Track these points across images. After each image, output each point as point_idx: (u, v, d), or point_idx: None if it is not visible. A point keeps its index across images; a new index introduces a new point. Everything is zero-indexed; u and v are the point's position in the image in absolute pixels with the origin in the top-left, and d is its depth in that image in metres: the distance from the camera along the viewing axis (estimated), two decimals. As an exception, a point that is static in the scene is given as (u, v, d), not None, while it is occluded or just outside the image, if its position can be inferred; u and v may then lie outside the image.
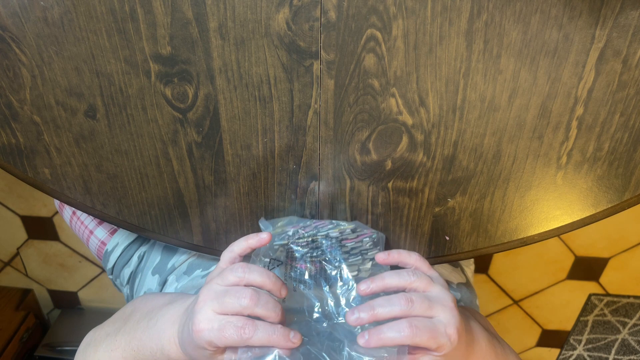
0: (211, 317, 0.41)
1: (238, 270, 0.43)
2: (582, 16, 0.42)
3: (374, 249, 0.53)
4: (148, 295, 0.59)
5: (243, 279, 0.43)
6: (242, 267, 0.43)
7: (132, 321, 0.53)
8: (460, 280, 0.71)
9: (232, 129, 0.51)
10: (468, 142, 0.50)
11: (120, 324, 0.54)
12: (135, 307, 0.56)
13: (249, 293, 0.41)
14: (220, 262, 0.48)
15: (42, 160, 0.56)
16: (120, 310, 0.59)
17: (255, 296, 0.41)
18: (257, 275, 0.43)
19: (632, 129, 0.47)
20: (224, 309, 0.41)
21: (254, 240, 0.48)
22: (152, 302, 0.55)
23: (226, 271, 0.44)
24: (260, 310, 0.41)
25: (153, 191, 0.57)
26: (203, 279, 0.65)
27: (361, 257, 0.51)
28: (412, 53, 0.45)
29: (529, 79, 0.45)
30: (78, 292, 1.58)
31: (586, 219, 0.53)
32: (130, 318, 0.54)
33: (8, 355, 1.38)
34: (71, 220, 0.84)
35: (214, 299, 0.42)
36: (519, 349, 1.58)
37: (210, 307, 0.41)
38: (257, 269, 0.43)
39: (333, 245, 0.52)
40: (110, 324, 0.56)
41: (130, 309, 0.56)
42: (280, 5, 0.44)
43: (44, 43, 0.48)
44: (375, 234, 0.54)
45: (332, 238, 0.53)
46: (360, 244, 0.53)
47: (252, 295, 0.41)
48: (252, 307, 0.41)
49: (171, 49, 0.47)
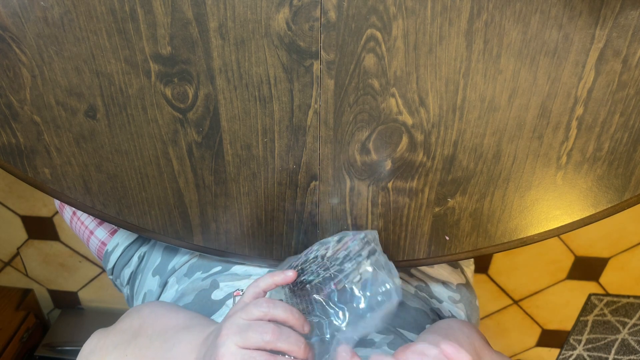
0: (234, 351, 0.41)
1: (263, 305, 0.44)
2: (582, 16, 0.42)
3: (366, 247, 0.52)
4: (156, 308, 0.57)
5: (267, 314, 0.43)
6: (267, 302, 0.44)
7: (143, 337, 0.52)
8: (460, 281, 0.71)
9: (232, 129, 0.51)
10: (468, 142, 0.50)
11: (128, 337, 0.53)
12: (143, 321, 0.55)
13: (272, 328, 0.42)
14: (245, 297, 0.48)
15: (42, 160, 0.56)
16: (126, 319, 0.57)
17: (277, 331, 0.42)
18: (281, 311, 0.43)
19: (631, 129, 0.47)
20: (247, 343, 0.41)
21: (280, 278, 0.48)
22: (164, 320, 0.54)
23: (250, 306, 0.44)
24: (283, 345, 0.41)
25: (153, 191, 0.57)
26: (203, 281, 0.65)
27: (355, 262, 0.51)
28: (412, 53, 0.45)
29: (528, 79, 0.45)
30: (78, 292, 1.58)
31: (586, 219, 0.53)
32: (140, 333, 0.53)
33: (8, 355, 1.38)
34: (71, 221, 0.84)
35: (237, 333, 0.42)
36: (519, 349, 1.58)
37: (233, 341, 0.42)
38: (281, 305, 0.44)
39: (323, 264, 0.52)
40: (117, 334, 0.54)
41: (138, 321, 0.55)
42: (280, 5, 0.44)
43: (44, 43, 0.48)
44: (362, 234, 0.54)
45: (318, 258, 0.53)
46: (349, 250, 0.52)
47: (275, 330, 0.42)
48: (275, 341, 0.41)
49: (171, 49, 0.47)
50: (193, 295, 0.63)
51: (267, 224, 0.59)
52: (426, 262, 0.59)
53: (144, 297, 0.72)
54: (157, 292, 0.70)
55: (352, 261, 0.51)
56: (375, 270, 0.49)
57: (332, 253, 0.52)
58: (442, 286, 0.69)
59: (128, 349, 0.51)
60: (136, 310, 0.58)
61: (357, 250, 0.51)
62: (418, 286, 0.67)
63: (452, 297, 0.68)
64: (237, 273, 0.64)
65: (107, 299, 1.58)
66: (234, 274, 0.64)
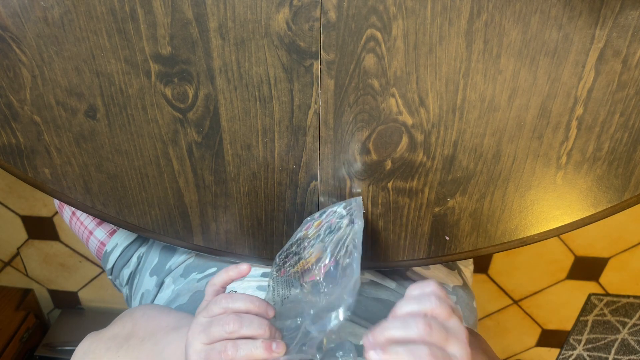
0: (199, 349, 0.43)
1: (221, 301, 0.44)
2: (581, 16, 0.42)
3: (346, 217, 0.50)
4: (148, 309, 0.58)
5: (227, 308, 0.44)
6: (225, 298, 0.45)
7: (134, 339, 0.52)
8: (457, 282, 0.71)
9: (232, 129, 0.51)
10: (468, 142, 0.50)
11: (121, 340, 0.53)
12: (135, 322, 0.55)
13: (232, 318, 0.42)
14: (206, 296, 0.50)
15: (43, 160, 0.56)
16: (119, 322, 0.57)
17: (238, 320, 0.42)
18: (240, 303, 0.44)
19: (631, 129, 0.47)
20: (212, 338, 0.42)
21: (234, 272, 0.49)
22: (155, 321, 0.55)
23: (210, 304, 0.45)
24: (246, 330, 0.42)
25: (153, 191, 0.57)
26: (199, 282, 0.65)
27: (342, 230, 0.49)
28: (412, 53, 0.45)
29: (528, 79, 0.45)
30: (78, 292, 1.58)
31: (586, 219, 0.53)
32: (132, 335, 0.53)
33: (8, 355, 1.38)
34: (71, 221, 0.84)
35: (201, 331, 0.43)
36: (519, 349, 1.58)
37: (198, 340, 0.43)
38: (240, 297, 0.44)
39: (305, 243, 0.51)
40: (110, 338, 0.55)
41: (130, 324, 0.56)
42: (280, 6, 0.44)
43: (44, 43, 0.48)
44: (343, 202, 0.53)
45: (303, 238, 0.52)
46: (330, 220, 0.52)
47: (235, 320, 0.42)
48: (238, 329, 0.42)
49: (171, 49, 0.47)
50: (188, 295, 0.63)
51: (267, 224, 0.59)
52: (426, 262, 0.59)
53: (141, 296, 0.72)
54: (154, 292, 0.70)
55: (331, 234, 0.50)
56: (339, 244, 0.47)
57: (314, 231, 0.52)
58: None
59: (120, 351, 0.52)
60: (129, 313, 0.58)
61: (337, 222, 0.51)
62: None
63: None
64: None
65: (107, 299, 1.58)
66: None
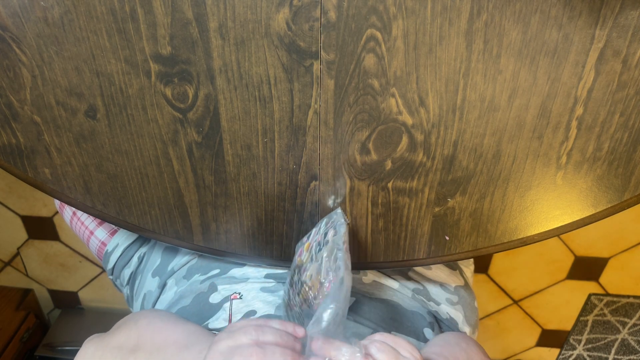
0: None
1: (251, 331, 0.42)
2: (581, 16, 0.42)
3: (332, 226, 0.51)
4: (153, 318, 0.56)
5: (257, 341, 0.42)
6: (255, 329, 0.42)
7: (142, 353, 0.50)
8: (458, 282, 0.71)
9: (232, 129, 0.51)
10: (468, 142, 0.50)
11: (126, 353, 0.51)
12: (141, 333, 0.53)
13: (255, 351, 0.40)
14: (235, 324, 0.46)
15: (43, 160, 0.56)
16: (124, 330, 0.55)
17: (261, 353, 0.40)
18: (270, 336, 0.42)
19: (631, 129, 0.47)
20: None
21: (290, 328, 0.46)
22: (163, 335, 0.52)
23: (239, 331, 0.42)
24: None
25: (153, 191, 0.57)
26: (202, 284, 0.65)
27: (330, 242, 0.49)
28: (412, 53, 0.45)
29: (528, 79, 0.45)
30: (78, 292, 1.58)
31: (586, 218, 0.53)
32: (138, 348, 0.51)
33: (8, 355, 1.38)
34: (71, 221, 0.84)
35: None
36: (519, 349, 1.58)
37: None
38: (269, 331, 0.42)
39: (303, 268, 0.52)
40: (115, 348, 0.52)
41: (135, 333, 0.53)
42: (280, 6, 0.44)
43: (44, 43, 0.48)
44: (325, 219, 0.53)
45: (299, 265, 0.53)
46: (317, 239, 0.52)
47: (258, 353, 0.40)
48: None
49: (171, 49, 0.47)
50: (191, 297, 0.63)
51: (267, 224, 0.59)
52: (426, 262, 0.59)
53: (143, 298, 0.72)
54: (156, 293, 0.70)
55: (321, 251, 0.50)
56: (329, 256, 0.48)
57: (307, 255, 0.52)
58: (439, 288, 0.69)
59: None
60: (133, 320, 0.56)
61: (323, 238, 0.51)
62: (415, 289, 0.67)
63: (450, 299, 0.68)
64: (235, 276, 0.64)
65: (107, 299, 1.58)
66: (231, 277, 0.64)
